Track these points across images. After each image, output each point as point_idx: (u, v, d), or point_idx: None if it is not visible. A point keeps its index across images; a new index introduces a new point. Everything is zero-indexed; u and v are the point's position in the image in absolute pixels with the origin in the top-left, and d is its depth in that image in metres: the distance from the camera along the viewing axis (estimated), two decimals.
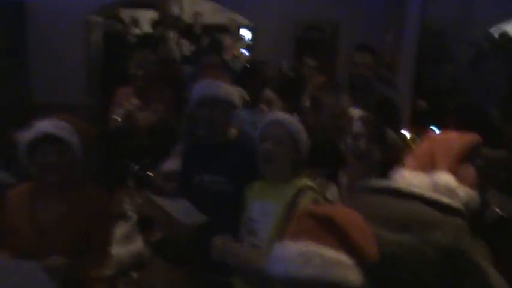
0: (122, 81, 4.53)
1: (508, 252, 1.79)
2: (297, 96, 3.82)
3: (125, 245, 2.80)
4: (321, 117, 2.63)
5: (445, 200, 1.51)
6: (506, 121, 3.44)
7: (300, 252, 1.27)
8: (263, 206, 2.18)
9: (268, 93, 3.37)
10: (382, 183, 1.63)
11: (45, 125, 2.26)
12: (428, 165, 1.64)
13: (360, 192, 1.66)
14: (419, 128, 3.32)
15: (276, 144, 2.17)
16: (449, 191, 1.57)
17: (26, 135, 2.25)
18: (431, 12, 4.15)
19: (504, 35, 3.58)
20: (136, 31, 7.56)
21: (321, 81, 3.63)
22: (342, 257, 1.26)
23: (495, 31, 3.64)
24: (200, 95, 2.57)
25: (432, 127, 3.21)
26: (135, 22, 9.02)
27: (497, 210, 2.17)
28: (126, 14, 8.76)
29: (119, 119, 3.77)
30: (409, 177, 1.62)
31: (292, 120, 2.24)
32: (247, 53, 7.67)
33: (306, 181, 2.21)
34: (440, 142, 1.69)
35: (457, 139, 1.70)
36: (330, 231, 1.28)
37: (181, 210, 2.38)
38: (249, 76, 4.19)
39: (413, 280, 1.07)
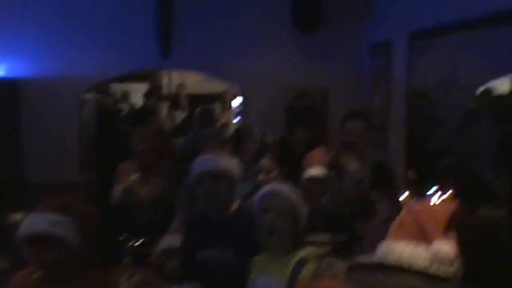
0: (114, 155, 4.56)
1: None
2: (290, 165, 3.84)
3: None
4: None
5: (442, 271, 1.49)
6: (499, 181, 3.46)
7: None
8: (265, 281, 2.17)
9: (266, 162, 3.40)
10: (378, 259, 1.61)
11: (38, 221, 2.15)
12: (421, 237, 1.62)
13: (356, 269, 1.64)
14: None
15: (277, 216, 2.17)
16: (449, 260, 1.56)
17: (20, 230, 2.16)
18: (417, 74, 4.25)
19: (486, 92, 3.67)
20: (126, 105, 7.66)
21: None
22: None
23: (480, 92, 3.74)
24: (202, 169, 2.59)
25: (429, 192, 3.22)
26: (126, 96, 9.18)
27: None
28: (117, 88, 8.93)
29: (120, 195, 3.77)
30: (406, 250, 1.60)
31: (290, 190, 2.24)
32: (238, 122, 7.79)
33: (306, 252, 2.19)
34: (425, 212, 1.65)
35: (441, 208, 1.69)
36: None
37: None
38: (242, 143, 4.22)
39: None
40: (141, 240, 3.60)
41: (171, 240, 3.00)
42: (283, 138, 5.05)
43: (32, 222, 2.16)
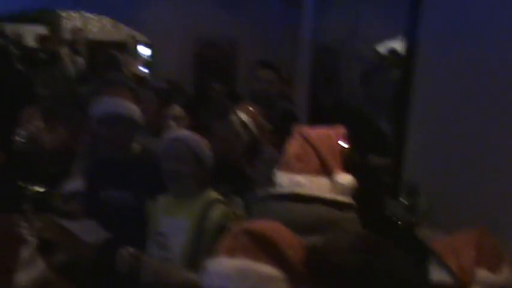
0: (13, 99, 4.32)
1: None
2: (202, 114, 3.85)
3: (26, 270, 2.64)
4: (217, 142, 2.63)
5: (340, 198, 1.63)
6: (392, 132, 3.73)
7: (236, 268, 1.31)
8: (173, 222, 2.18)
9: (176, 109, 3.38)
10: (284, 189, 1.69)
11: None
12: (322, 169, 1.68)
13: (262, 201, 1.73)
14: None
15: (179, 163, 2.18)
16: (348, 189, 1.68)
17: None
18: (323, 29, 4.38)
19: (393, 51, 3.87)
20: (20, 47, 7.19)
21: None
22: (276, 272, 1.32)
23: (381, 48, 3.92)
24: (101, 112, 2.54)
25: None
26: (19, 37, 8.62)
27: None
28: (10, 28, 8.37)
29: (24, 142, 3.60)
30: (312, 181, 1.69)
31: (194, 137, 2.24)
32: (146, 71, 7.63)
33: (214, 194, 2.23)
34: (321, 142, 1.71)
35: (334, 135, 1.75)
36: (265, 247, 1.34)
37: (84, 230, 2.36)
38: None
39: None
40: (42, 189, 3.51)
41: (75, 184, 2.95)
42: (200, 90, 5.02)
43: None
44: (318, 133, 1.75)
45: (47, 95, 3.76)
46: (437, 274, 1.46)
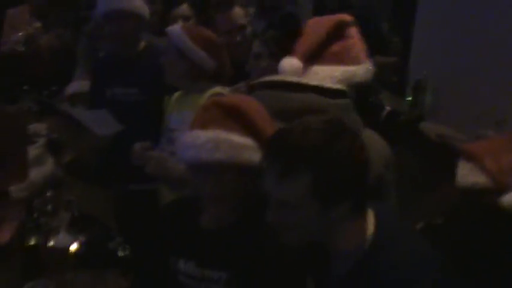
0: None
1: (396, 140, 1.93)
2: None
3: (36, 167, 2.72)
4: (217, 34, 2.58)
5: (334, 86, 1.63)
6: (393, 33, 3.73)
7: (209, 139, 1.36)
8: (180, 116, 2.20)
9: (185, 8, 3.31)
10: (275, 77, 1.71)
11: None
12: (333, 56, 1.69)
13: (255, 88, 1.73)
14: None
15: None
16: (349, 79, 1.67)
17: None
18: None
19: None
20: None
21: None
22: (248, 141, 1.37)
23: None
24: (107, 8, 2.49)
25: None
26: None
27: (388, 107, 2.34)
28: None
29: (20, 44, 3.54)
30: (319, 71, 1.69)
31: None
32: None
33: (218, 89, 2.21)
34: (331, 30, 1.71)
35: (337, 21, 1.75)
36: (236, 118, 1.39)
37: (97, 122, 2.37)
38: None
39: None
40: (47, 91, 3.51)
41: (80, 85, 2.94)
42: None
43: None
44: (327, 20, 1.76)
45: None
46: (469, 176, 1.37)
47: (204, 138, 1.36)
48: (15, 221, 2.24)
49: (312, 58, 1.70)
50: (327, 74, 1.66)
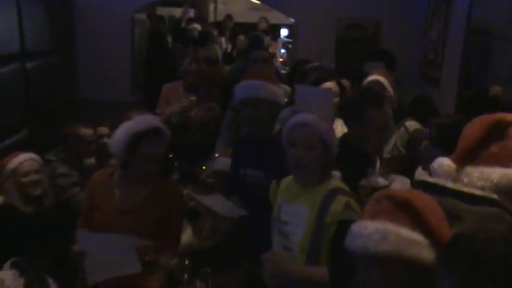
0: (162, 77, 4.62)
1: None
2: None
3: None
4: (364, 129, 2.48)
5: (472, 191, 1.53)
6: None
7: (377, 229, 1.35)
8: (294, 209, 2.14)
9: (332, 85, 3.33)
10: (420, 178, 1.70)
11: (150, 119, 2.54)
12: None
13: (419, 186, 1.68)
14: None
15: (305, 150, 2.08)
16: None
17: (132, 127, 2.44)
18: (477, 8, 4.08)
19: None
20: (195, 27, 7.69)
21: None
22: (417, 236, 1.34)
23: None
24: (244, 95, 2.65)
25: None
26: (172, 20, 9.27)
27: None
28: (162, 11, 9.02)
29: (175, 115, 3.86)
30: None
31: (323, 123, 2.11)
32: (285, 52, 7.73)
33: (336, 183, 2.14)
34: (490, 129, 1.60)
35: None
36: (406, 212, 1.37)
37: (220, 205, 2.56)
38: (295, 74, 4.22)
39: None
40: (190, 160, 3.74)
41: (224, 162, 3.07)
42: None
43: (142, 119, 2.50)
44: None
45: (192, 71, 4.00)
46: None
47: (372, 228, 1.36)
48: None
49: (467, 159, 1.62)
50: (481, 176, 1.56)
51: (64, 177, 3.45)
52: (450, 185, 1.56)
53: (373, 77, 3.12)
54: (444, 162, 1.64)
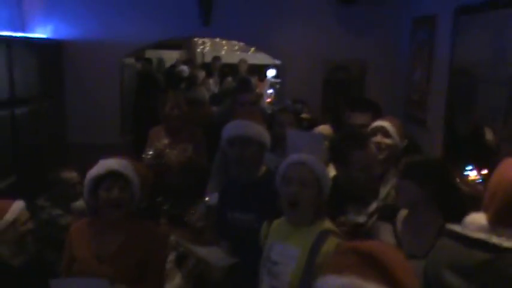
0: (151, 119, 4.64)
1: None
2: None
3: (167, 281, 2.83)
4: (350, 170, 2.55)
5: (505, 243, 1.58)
6: None
7: (344, 285, 1.30)
8: (284, 249, 2.14)
9: (327, 129, 3.36)
10: (459, 229, 1.71)
11: (110, 162, 2.44)
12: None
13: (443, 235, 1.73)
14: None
15: (301, 188, 2.11)
16: None
17: (92, 172, 2.41)
18: (460, 50, 4.17)
19: None
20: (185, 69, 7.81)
21: None
22: None
23: None
24: (231, 134, 2.66)
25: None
26: (161, 62, 9.41)
27: None
28: (151, 54, 9.16)
29: (151, 158, 3.87)
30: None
31: (317, 161, 2.16)
32: (272, 92, 7.83)
33: (327, 224, 2.16)
34: None
35: None
36: (372, 266, 1.32)
37: (213, 255, 2.52)
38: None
39: None
40: (174, 202, 3.73)
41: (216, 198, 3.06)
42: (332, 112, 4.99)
43: (103, 163, 2.44)
44: None
45: (174, 116, 4.01)
46: None
47: (338, 285, 1.32)
48: None
49: (503, 219, 1.66)
50: None
51: (64, 217, 3.47)
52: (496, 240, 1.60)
53: (378, 123, 3.07)
54: (481, 219, 1.68)
